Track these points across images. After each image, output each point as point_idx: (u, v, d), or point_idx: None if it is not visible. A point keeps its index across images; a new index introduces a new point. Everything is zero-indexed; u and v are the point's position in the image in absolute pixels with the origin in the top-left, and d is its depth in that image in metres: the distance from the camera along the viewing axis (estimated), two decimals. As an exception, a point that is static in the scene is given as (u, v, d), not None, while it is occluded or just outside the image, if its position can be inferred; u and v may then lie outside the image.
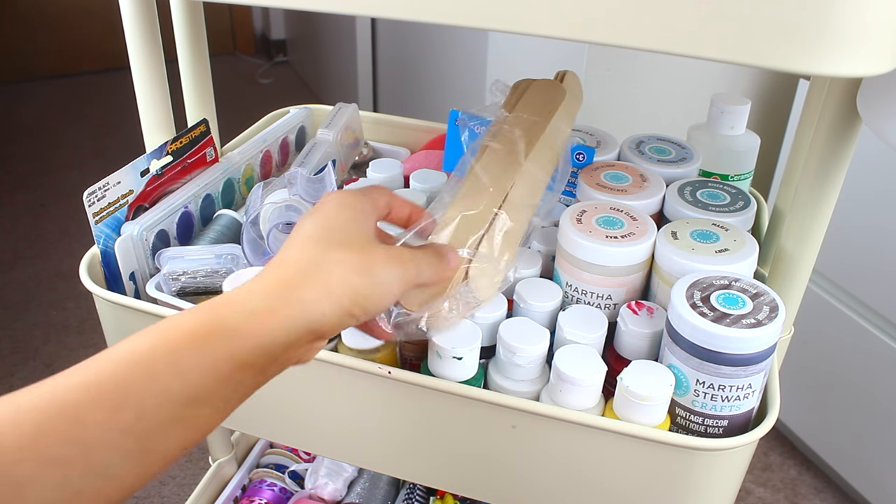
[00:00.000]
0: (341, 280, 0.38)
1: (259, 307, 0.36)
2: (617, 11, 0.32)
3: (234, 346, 0.35)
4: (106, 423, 0.32)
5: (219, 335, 0.35)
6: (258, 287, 0.37)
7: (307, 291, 0.37)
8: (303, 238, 0.40)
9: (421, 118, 0.82)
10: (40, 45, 2.63)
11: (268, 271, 0.39)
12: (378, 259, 0.40)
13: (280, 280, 0.37)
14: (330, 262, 0.38)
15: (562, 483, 0.51)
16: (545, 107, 0.59)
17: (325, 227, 0.40)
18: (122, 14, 0.59)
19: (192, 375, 0.34)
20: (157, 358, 0.34)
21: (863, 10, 0.29)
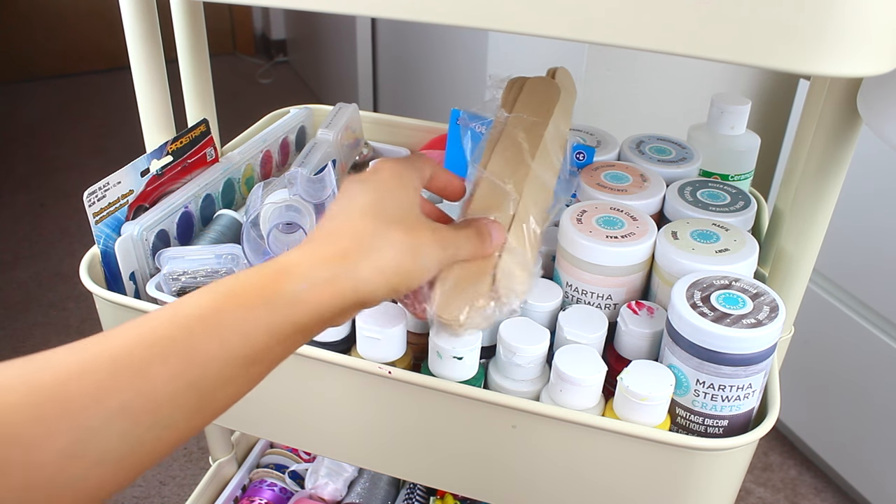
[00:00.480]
0: (393, 260, 0.39)
1: (319, 278, 0.37)
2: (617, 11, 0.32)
3: (295, 312, 0.37)
4: (173, 380, 0.33)
5: (282, 302, 0.36)
6: (318, 258, 0.38)
7: (363, 268, 0.38)
8: (358, 210, 0.40)
9: (421, 118, 0.82)
10: (40, 45, 2.63)
11: (325, 240, 0.39)
12: (425, 241, 0.41)
13: (338, 253, 0.38)
14: (384, 241, 0.39)
15: (562, 483, 0.51)
16: (543, 105, 0.59)
17: (378, 200, 0.41)
18: (122, 14, 0.59)
19: (255, 338, 0.36)
20: (224, 319, 0.35)
21: (863, 11, 0.29)
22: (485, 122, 0.60)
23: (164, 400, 0.33)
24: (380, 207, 0.41)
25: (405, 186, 0.43)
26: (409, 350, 0.54)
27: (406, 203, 0.42)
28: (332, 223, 0.40)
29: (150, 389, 0.33)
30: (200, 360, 0.34)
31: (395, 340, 0.51)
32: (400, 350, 0.52)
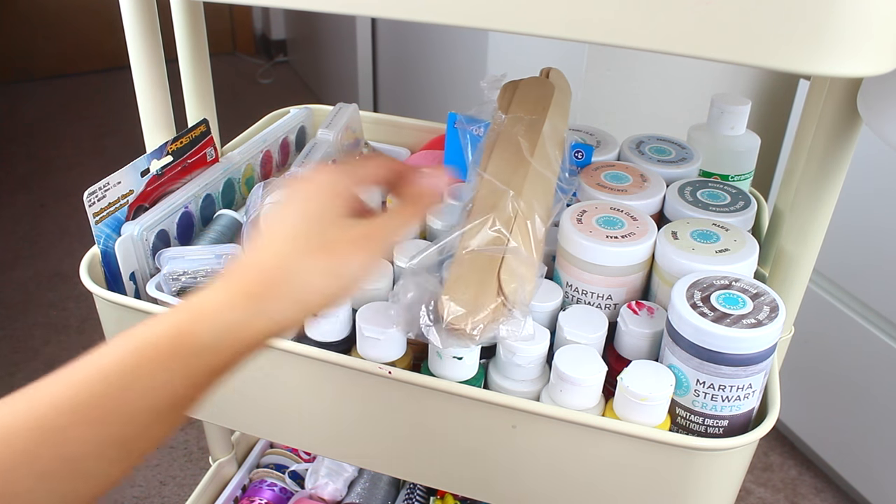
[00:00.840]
0: (312, 287, 0.39)
1: (231, 322, 0.37)
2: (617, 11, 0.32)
3: (210, 359, 0.37)
4: (92, 439, 0.34)
5: (195, 350, 0.37)
6: (229, 298, 0.38)
7: (278, 301, 0.39)
8: (280, 239, 0.40)
9: (421, 118, 0.82)
10: (40, 46, 2.63)
11: (238, 277, 0.39)
12: (348, 257, 0.41)
13: (250, 291, 0.38)
14: (306, 272, 0.39)
15: (562, 483, 0.51)
16: (538, 103, 0.59)
17: (301, 225, 0.41)
18: (122, 14, 0.59)
19: (173, 388, 0.36)
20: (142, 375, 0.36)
21: (863, 11, 0.29)
22: (482, 125, 0.60)
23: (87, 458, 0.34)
24: (302, 234, 0.40)
25: (327, 202, 0.42)
26: (408, 350, 0.54)
27: (328, 221, 0.41)
28: (256, 255, 0.40)
29: (72, 452, 0.34)
30: (121, 417, 0.35)
31: (395, 340, 0.51)
32: (400, 350, 0.52)
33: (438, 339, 0.46)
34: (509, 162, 0.55)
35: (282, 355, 0.53)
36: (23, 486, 0.33)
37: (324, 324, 0.53)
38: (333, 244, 0.41)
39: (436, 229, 0.62)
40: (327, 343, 0.54)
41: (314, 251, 0.40)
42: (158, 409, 0.36)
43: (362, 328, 0.51)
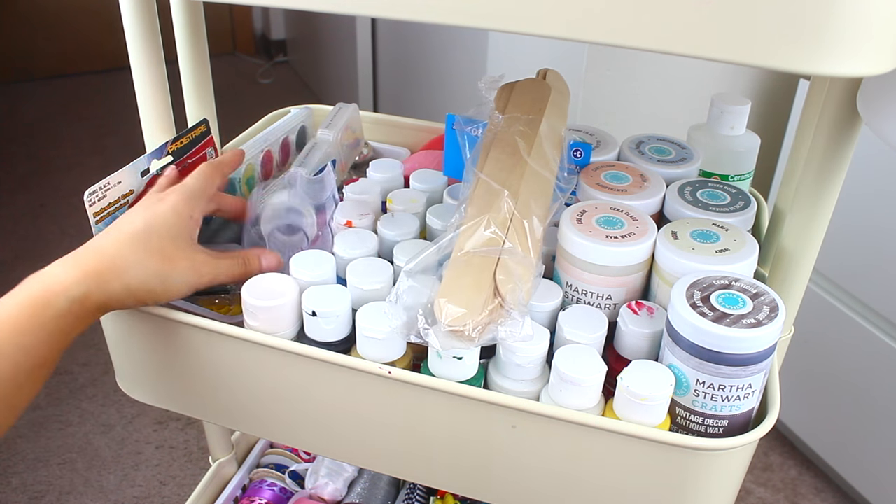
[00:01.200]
0: (141, 283, 0.49)
1: (78, 294, 0.47)
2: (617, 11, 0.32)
3: (62, 322, 0.47)
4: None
5: (51, 315, 0.46)
6: (79, 273, 0.47)
7: (113, 284, 0.48)
8: (127, 236, 0.50)
9: (421, 118, 0.82)
10: (40, 46, 2.63)
11: (87, 256, 0.49)
12: (179, 270, 0.51)
13: (95, 270, 0.48)
14: (139, 267, 0.49)
15: (562, 483, 0.51)
16: (535, 104, 0.59)
17: (147, 231, 0.50)
18: (122, 14, 0.59)
19: (33, 349, 0.45)
20: (6, 341, 0.44)
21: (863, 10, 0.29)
22: (480, 126, 0.60)
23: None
24: (146, 238, 0.50)
25: (180, 221, 0.52)
26: (408, 350, 0.54)
27: (173, 234, 0.51)
28: (101, 241, 0.50)
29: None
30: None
31: (394, 340, 0.51)
32: (400, 350, 0.52)
33: (437, 341, 0.46)
34: (506, 162, 0.55)
35: (282, 355, 0.53)
36: None
37: (324, 324, 0.53)
38: (170, 255, 0.51)
39: (435, 229, 0.62)
40: (327, 343, 0.54)
41: (150, 253, 0.50)
42: (24, 368, 0.45)
43: (362, 328, 0.51)
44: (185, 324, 0.54)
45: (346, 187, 0.66)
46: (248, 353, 0.54)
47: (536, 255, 0.51)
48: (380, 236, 0.60)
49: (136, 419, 1.34)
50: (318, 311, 0.53)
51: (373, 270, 0.55)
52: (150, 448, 1.29)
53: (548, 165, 0.56)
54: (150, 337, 0.57)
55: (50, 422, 1.34)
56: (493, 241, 0.49)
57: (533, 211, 0.52)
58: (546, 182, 0.55)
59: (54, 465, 1.26)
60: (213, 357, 0.56)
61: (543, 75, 0.64)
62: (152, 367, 0.60)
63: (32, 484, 1.22)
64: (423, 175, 0.69)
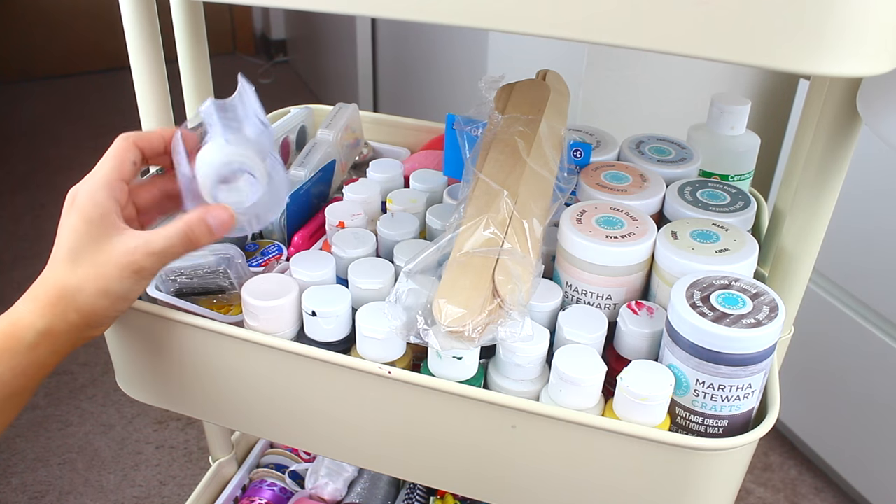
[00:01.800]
0: (88, 307, 0.48)
1: (42, 327, 0.47)
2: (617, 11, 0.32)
3: (34, 355, 0.47)
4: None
5: (21, 349, 0.46)
6: (38, 307, 0.47)
7: (69, 314, 0.47)
8: (59, 259, 0.48)
9: (421, 118, 0.82)
10: (40, 46, 2.63)
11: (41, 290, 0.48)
12: (113, 278, 0.47)
13: (52, 303, 0.47)
14: (77, 291, 0.47)
15: (562, 483, 0.51)
16: (535, 105, 0.59)
17: (70, 248, 0.48)
18: (122, 14, 0.59)
19: (6, 379, 0.46)
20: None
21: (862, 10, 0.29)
22: (480, 126, 0.60)
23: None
24: (73, 256, 0.47)
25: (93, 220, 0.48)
26: (408, 350, 0.54)
27: (96, 241, 0.48)
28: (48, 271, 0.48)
29: None
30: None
31: (394, 340, 0.51)
32: (400, 350, 0.52)
33: (437, 342, 0.46)
34: (506, 162, 0.55)
35: (281, 355, 0.53)
36: None
37: (324, 324, 0.53)
38: (99, 268, 0.47)
39: (435, 229, 0.62)
40: (327, 343, 0.54)
41: (86, 277, 0.47)
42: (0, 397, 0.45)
43: (362, 328, 0.51)
44: (184, 324, 0.54)
45: (345, 187, 0.66)
46: (248, 353, 0.54)
47: (536, 255, 0.51)
48: (380, 236, 0.60)
49: (136, 419, 1.34)
50: (317, 312, 0.53)
51: (373, 270, 0.55)
52: (150, 448, 1.29)
53: (547, 165, 0.56)
54: (149, 337, 0.57)
55: (50, 422, 1.34)
56: (492, 241, 0.49)
57: (532, 211, 0.52)
58: (545, 182, 0.55)
59: (54, 465, 1.26)
60: (212, 357, 0.56)
61: (543, 76, 0.64)
62: (152, 366, 0.60)
63: (32, 484, 1.22)
64: (423, 175, 0.69)
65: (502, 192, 0.51)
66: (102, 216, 0.48)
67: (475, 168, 0.55)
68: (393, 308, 0.49)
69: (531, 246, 0.50)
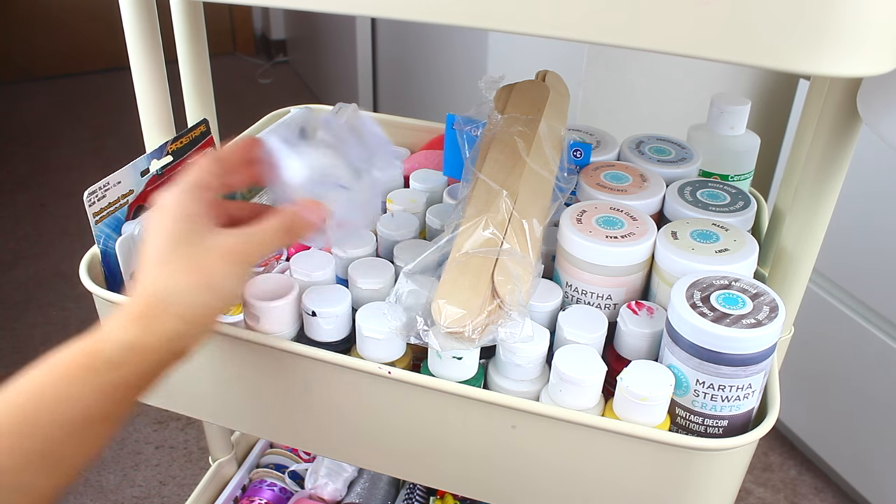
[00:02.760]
0: (191, 306, 0.43)
1: (130, 341, 0.42)
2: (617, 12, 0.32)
3: (118, 374, 0.41)
4: (16, 450, 0.38)
5: (103, 367, 0.41)
6: (127, 321, 0.42)
7: (165, 321, 0.42)
8: (150, 262, 0.44)
9: (421, 118, 0.82)
10: (40, 46, 2.63)
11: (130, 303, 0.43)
12: (217, 272, 0.44)
13: (141, 314, 0.43)
14: (176, 291, 0.43)
15: (562, 483, 0.51)
16: (534, 105, 0.59)
17: (163, 249, 0.44)
18: (122, 14, 0.59)
19: (86, 401, 0.40)
20: (53, 390, 0.40)
21: (862, 10, 0.29)
22: (480, 126, 0.60)
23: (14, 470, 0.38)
24: (167, 256, 0.44)
25: (183, 219, 0.45)
26: (408, 350, 0.54)
27: (190, 238, 0.44)
28: (136, 284, 0.44)
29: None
30: (39, 429, 0.39)
31: (394, 340, 0.51)
32: (400, 350, 0.52)
33: (437, 342, 0.46)
34: (505, 162, 0.55)
35: (281, 355, 0.53)
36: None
37: (324, 324, 0.53)
38: (201, 262, 0.44)
39: (435, 229, 0.62)
40: (327, 343, 0.54)
41: (184, 272, 0.43)
42: (77, 421, 0.40)
43: (362, 328, 0.51)
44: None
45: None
46: (248, 352, 0.54)
47: (536, 255, 0.51)
48: (380, 236, 0.60)
49: (136, 419, 1.34)
50: (317, 312, 0.53)
51: (373, 270, 0.55)
52: (150, 448, 1.29)
53: (547, 165, 0.56)
54: (149, 337, 0.57)
55: (50, 422, 1.34)
56: (491, 241, 0.49)
57: (532, 211, 0.52)
58: (545, 182, 0.55)
59: (54, 465, 1.26)
60: (212, 357, 0.56)
61: (543, 77, 0.64)
62: (152, 367, 0.60)
63: (32, 484, 1.22)
64: (423, 175, 0.69)
65: (502, 192, 0.51)
66: (192, 215, 0.45)
67: (475, 168, 0.55)
68: (393, 308, 0.49)
69: (531, 246, 0.50)
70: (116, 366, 0.41)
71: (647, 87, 1.27)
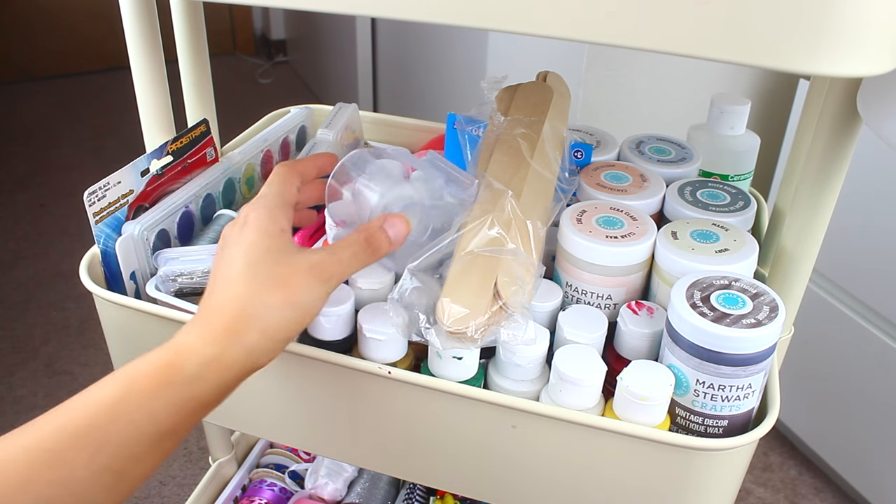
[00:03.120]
0: (279, 322, 0.43)
1: (210, 355, 0.41)
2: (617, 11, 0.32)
3: (195, 389, 0.41)
4: (87, 465, 0.38)
5: (181, 382, 0.41)
6: (207, 333, 0.42)
7: (250, 338, 0.42)
8: (235, 279, 0.43)
9: (421, 118, 0.82)
10: (40, 46, 2.63)
11: (212, 316, 0.43)
12: (304, 289, 0.44)
13: (224, 328, 0.42)
14: (265, 307, 0.43)
15: (562, 483, 0.51)
16: (538, 107, 0.59)
17: (251, 263, 0.44)
18: (122, 14, 0.59)
19: (161, 418, 0.40)
20: (129, 405, 0.39)
21: (862, 10, 0.29)
22: (481, 126, 0.60)
23: (82, 483, 0.38)
24: (253, 271, 0.43)
25: (272, 235, 0.45)
26: (410, 351, 0.54)
27: (277, 254, 0.44)
28: (216, 297, 0.44)
29: (67, 477, 0.37)
30: (112, 444, 0.39)
31: (396, 341, 0.51)
32: (401, 351, 0.52)
33: (438, 341, 0.46)
34: (509, 163, 0.55)
35: (282, 355, 0.53)
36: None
37: (325, 323, 0.53)
38: (285, 278, 0.44)
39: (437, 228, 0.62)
40: (328, 342, 0.54)
41: (268, 287, 0.43)
42: (149, 436, 0.40)
43: (363, 329, 0.51)
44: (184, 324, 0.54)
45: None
46: (248, 353, 0.54)
47: (538, 256, 0.51)
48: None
49: (136, 419, 1.34)
50: (318, 311, 0.53)
51: (373, 270, 0.55)
52: (150, 448, 1.29)
53: (550, 167, 0.56)
54: (149, 337, 0.57)
55: (50, 422, 1.34)
56: (497, 241, 0.49)
57: (535, 212, 0.52)
58: (548, 183, 0.55)
59: (54, 465, 1.26)
60: (213, 357, 0.56)
61: (543, 77, 0.64)
62: (152, 367, 0.60)
63: (32, 484, 1.22)
64: (423, 175, 0.69)
65: (507, 192, 0.51)
66: (282, 231, 0.46)
67: (479, 169, 0.55)
68: (395, 306, 0.49)
69: (534, 247, 0.50)
70: (195, 380, 0.41)
71: (647, 87, 1.27)
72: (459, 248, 0.50)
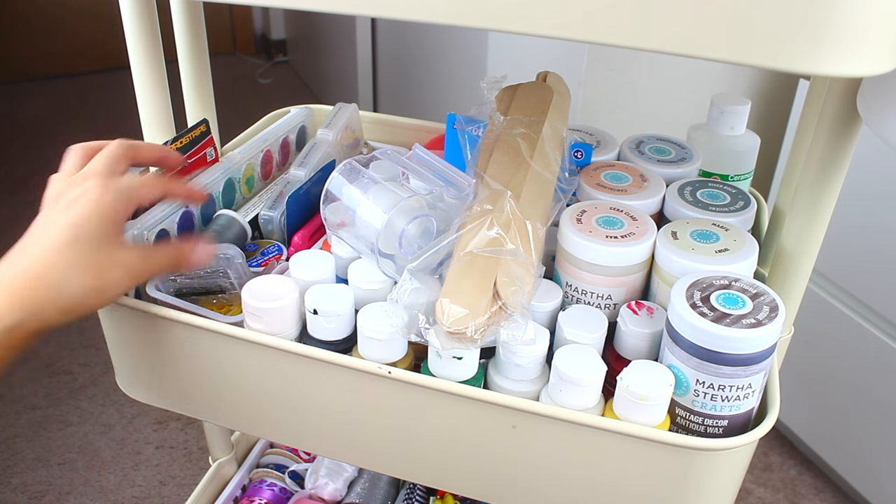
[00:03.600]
0: (76, 302, 0.46)
1: (11, 323, 0.44)
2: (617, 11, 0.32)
3: None
4: None
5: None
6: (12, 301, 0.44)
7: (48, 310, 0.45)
8: (50, 247, 0.46)
9: (421, 118, 0.82)
10: (40, 46, 2.63)
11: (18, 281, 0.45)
12: (113, 279, 0.47)
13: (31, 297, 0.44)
14: (70, 286, 0.45)
15: (562, 483, 0.51)
16: (538, 107, 0.59)
17: (73, 240, 0.46)
18: (122, 14, 0.59)
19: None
20: None
21: (862, 11, 0.29)
22: (481, 125, 0.60)
23: None
24: (74, 249, 0.46)
25: (105, 220, 0.47)
26: (410, 351, 0.54)
27: (102, 241, 0.47)
28: (28, 259, 0.46)
29: None
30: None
31: (396, 341, 0.51)
32: (401, 351, 0.52)
33: (438, 341, 0.46)
34: (509, 163, 0.55)
35: (282, 355, 0.53)
36: None
37: (325, 323, 0.53)
38: (102, 267, 0.46)
39: (436, 229, 0.62)
40: (328, 342, 0.54)
41: (84, 270, 0.46)
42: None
43: (363, 329, 0.51)
44: (185, 324, 0.54)
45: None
46: (248, 353, 0.54)
47: (538, 256, 0.51)
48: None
49: (136, 419, 1.34)
50: (319, 310, 0.53)
51: (373, 270, 0.55)
52: (150, 448, 1.29)
53: (549, 167, 0.56)
54: (150, 337, 0.57)
55: (49, 422, 1.34)
56: (496, 241, 0.49)
57: (535, 212, 0.52)
58: (548, 184, 0.55)
59: (54, 465, 1.26)
60: (212, 357, 0.56)
61: (543, 78, 0.64)
62: (152, 367, 0.60)
63: (32, 484, 1.22)
64: (423, 175, 0.69)
65: (506, 193, 0.51)
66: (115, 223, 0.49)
67: (478, 169, 0.55)
68: (395, 306, 0.49)
69: (533, 247, 0.50)
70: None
71: (647, 87, 1.27)
72: (459, 248, 0.50)
